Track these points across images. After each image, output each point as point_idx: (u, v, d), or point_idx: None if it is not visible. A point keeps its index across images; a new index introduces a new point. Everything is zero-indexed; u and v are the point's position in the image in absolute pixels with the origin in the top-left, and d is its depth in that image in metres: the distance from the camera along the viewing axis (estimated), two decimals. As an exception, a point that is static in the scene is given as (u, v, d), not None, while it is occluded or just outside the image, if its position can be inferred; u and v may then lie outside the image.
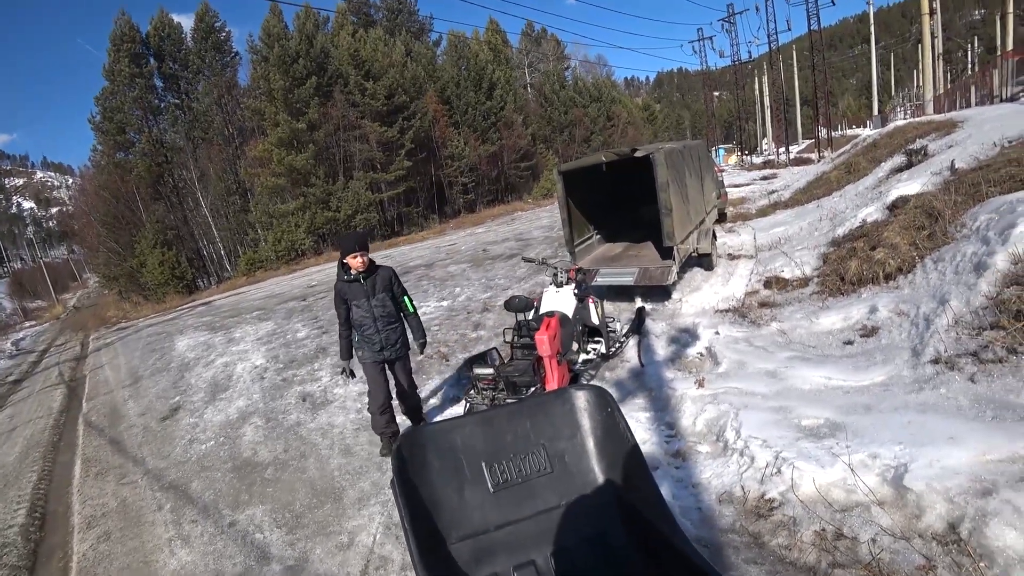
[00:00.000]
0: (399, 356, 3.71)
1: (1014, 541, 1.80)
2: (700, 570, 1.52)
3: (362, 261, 3.43)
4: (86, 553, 3.34)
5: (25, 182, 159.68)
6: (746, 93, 43.60)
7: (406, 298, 3.69)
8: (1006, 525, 1.83)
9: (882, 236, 5.83)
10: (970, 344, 3.24)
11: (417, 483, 1.83)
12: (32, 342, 21.15)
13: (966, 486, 2.03)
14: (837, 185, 11.98)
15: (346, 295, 3.51)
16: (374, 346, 3.57)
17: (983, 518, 1.89)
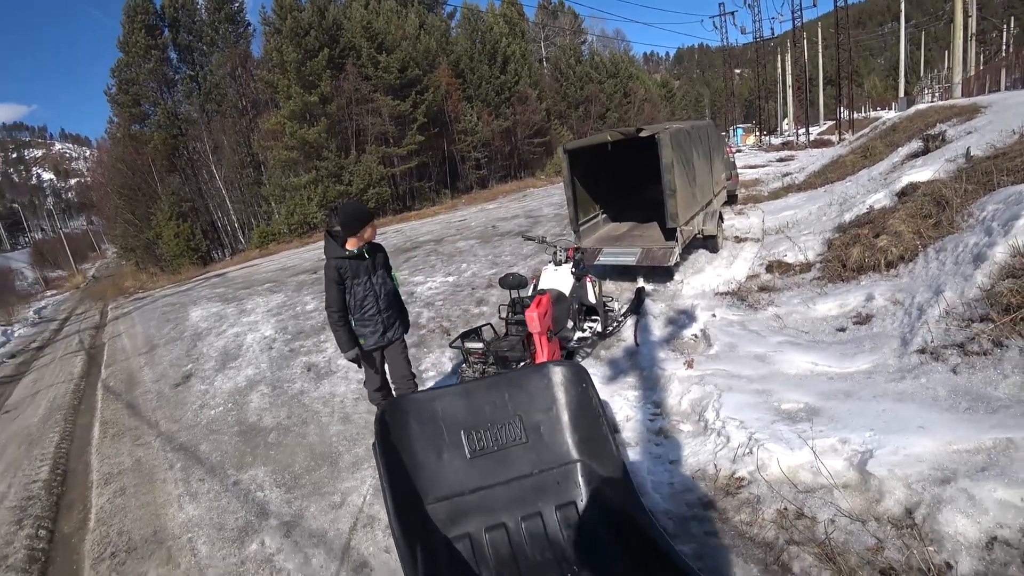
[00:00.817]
0: (399, 337, 3.42)
1: (964, 528, 1.88)
2: (652, 540, 1.64)
3: (372, 233, 3.19)
4: (103, 506, 3.59)
5: (44, 153, 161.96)
6: (767, 72, 42.43)
7: (395, 274, 3.45)
8: (959, 512, 1.92)
9: (887, 223, 5.78)
10: (958, 335, 3.28)
11: (399, 447, 1.98)
12: (53, 311, 21.76)
13: (926, 473, 2.11)
14: (852, 169, 11.77)
15: (345, 273, 3.12)
16: (377, 328, 3.24)
17: (938, 504, 1.97)
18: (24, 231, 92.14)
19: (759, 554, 2.04)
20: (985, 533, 1.87)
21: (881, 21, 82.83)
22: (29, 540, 3.39)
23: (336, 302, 3.12)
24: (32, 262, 50.76)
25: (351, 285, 3.14)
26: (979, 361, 2.93)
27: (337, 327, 3.18)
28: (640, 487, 2.53)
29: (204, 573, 2.59)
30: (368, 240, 3.17)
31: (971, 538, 1.86)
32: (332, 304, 3.13)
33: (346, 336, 3.18)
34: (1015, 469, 2.01)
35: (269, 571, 2.52)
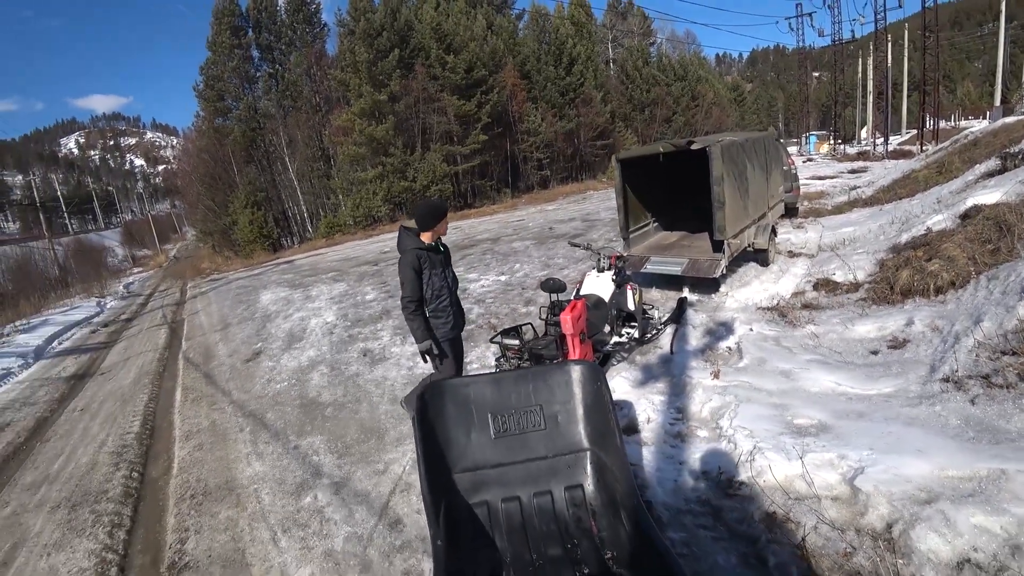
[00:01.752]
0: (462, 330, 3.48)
1: (935, 545, 2.02)
2: (639, 525, 1.91)
3: (445, 228, 3.29)
4: (184, 457, 4.21)
5: (137, 141, 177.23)
6: (846, 76, 40.19)
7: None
8: (932, 531, 2.05)
9: (942, 247, 5.62)
10: (985, 367, 3.27)
11: (434, 424, 2.34)
12: (139, 286, 23.95)
13: (911, 493, 2.23)
14: (924, 186, 11.19)
15: (424, 263, 3.18)
16: (449, 320, 3.33)
17: (914, 522, 2.10)
18: (117, 212, 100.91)
19: (741, 548, 2.24)
20: (958, 554, 1.99)
21: (980, 21, 75.93)
22: (124, 479, 4.04)
23: (414, 291, 3.17)
24: (122, 241, 55.47)
25: (429, 276, 3.21)
26: (1000, 394, 2.95)
27: (414, 316, 3.22)
28: (646, 480, 2.78)
29: (267, 516, 3.08)
30: (441, 234, 3.30)
31: (943, 557, 1.99)
32: (410, 294, 3.17)
33: (424, 325, 3.24)
34: (1000, 499, 2.11)
35: (320, 519, 2.97)
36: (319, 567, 2.57)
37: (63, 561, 3.08)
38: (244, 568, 2.68)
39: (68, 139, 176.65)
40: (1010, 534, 2.01)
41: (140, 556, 3.07)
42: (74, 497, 3.89)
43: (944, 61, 51.60)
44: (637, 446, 3.17)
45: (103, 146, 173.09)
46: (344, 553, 2.64)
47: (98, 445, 4.84)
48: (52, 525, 3.52)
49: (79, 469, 4.39)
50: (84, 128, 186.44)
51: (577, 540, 2.15)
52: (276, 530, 2.92)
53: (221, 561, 2.77)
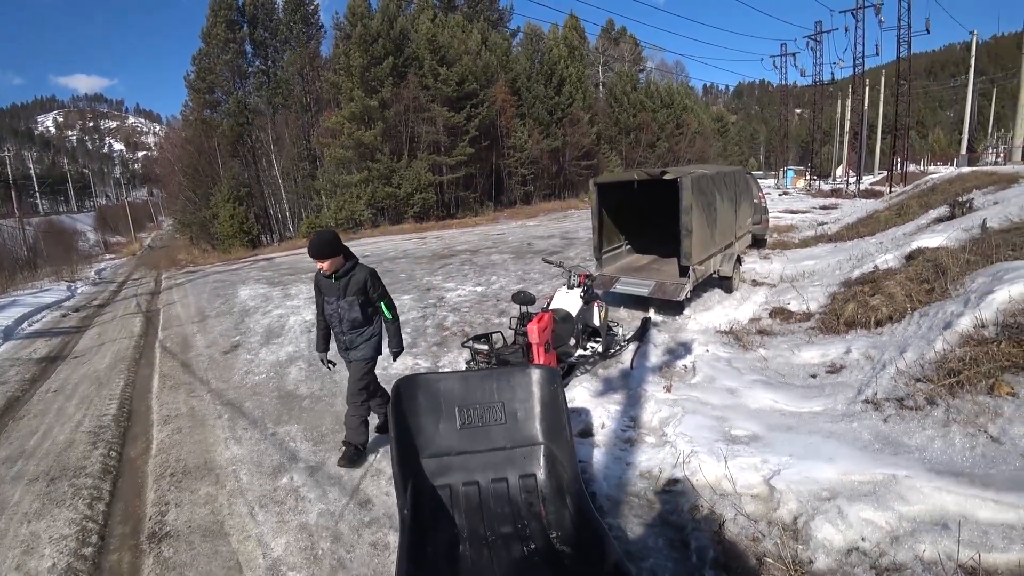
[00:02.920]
0: (354, 359, 3.64)
1: (829, 534, 2.39)
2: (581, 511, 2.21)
3: (324, 266, 3.38)
4: (163, 440, 4.37)
5: (118, 125, 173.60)
6: (826, 115, 41.95)
7: (384, 304, 3.59)
8: (828, 522, 2.43)
9: (885, 284, 6.14)
10: (902, 391, 3.69)
11: (407, 413, 2.63)
12: (111, 273, 23.52)
13: (815, 492, 2.61)
14: (884, 226, 11.93)
15: (321, 287, 3.55)
16: (340, 344, 3.63)
17: (814, 515, 2.48)
18: (91, 195, 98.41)
19: (669, 533, 2.58)
20: (848, 542, 2.36)
21: (954, 72, 80.00)
22: (102, 458, 4.19)
23: (318, 307, 3.63)
24: (96, 225, 54.10)
25: (321, 300, 3.58)
26: (909, 414, 3.36)
27: (316, 327, 3.76)
28: (593, 476, 3.10)
29: (245, 493, 3.30)
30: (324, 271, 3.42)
31: (835, 544, 2.36)
32: (317, 307, 3.66)
33: (320, 337, 3.76)
34: (888, 498, 2.50)
35: (295, 497, 3.21)
36: (294, 537, 2.81)
37: (44, 528, 3.23)
38: (223, 537, 2.90)
39: (46, 117, 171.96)
40: (892, 527, 2.39)
41: (120, 526, 3.24)
42: (52, 472, 4.02)
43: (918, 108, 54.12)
44: (590, 447, 3.49)
45: (82, 127, 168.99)
46: (317, 526, 2.88)
47: (75, 425, 4.96)
48: (31, 496, 3.66)
49: (56, 446, 4.51)
50: (64, 107, 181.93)
51: (527, 521, 2.45)
52: (254, 506, 3.14)
53: (201, 531, 2.97)
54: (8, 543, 3.16)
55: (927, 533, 2.30)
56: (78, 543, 3.09)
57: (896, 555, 2.24)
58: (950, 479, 2.56)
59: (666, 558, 2.40)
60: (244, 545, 2.80)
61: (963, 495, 2.45)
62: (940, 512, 2.42)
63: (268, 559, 2.65)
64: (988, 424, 3.06)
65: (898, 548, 2.27)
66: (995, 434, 2.99)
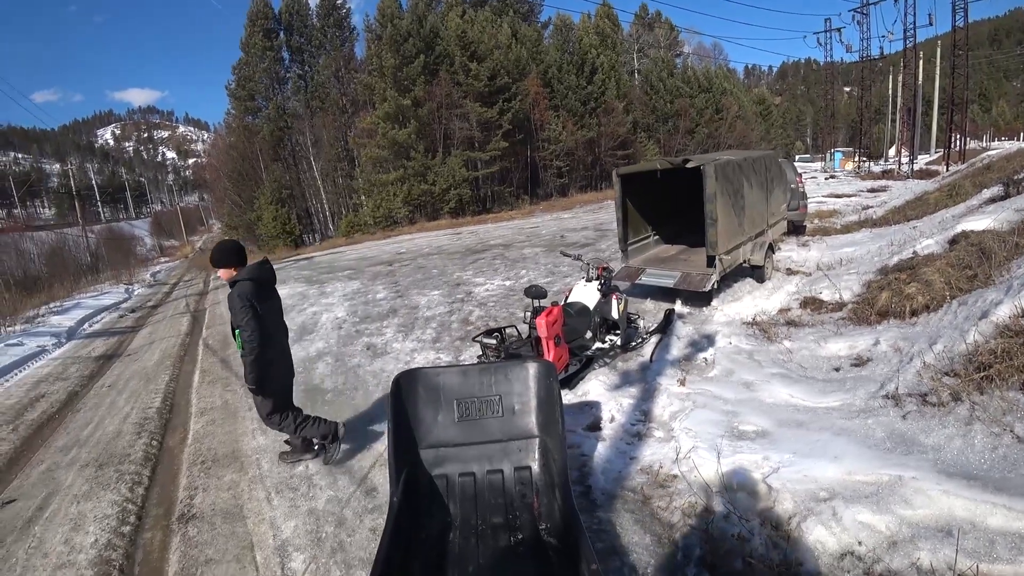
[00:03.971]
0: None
1: (822, 536, 2.34)
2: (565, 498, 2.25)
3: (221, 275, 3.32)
4: (198, 430, 4.70)
5: (170, 135, 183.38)
6: (877, 92, 39.68)
7: (236, 331, 3.30)
8: (820, 524, 2.37)
9: (923, 271, 5.83)
10: (926, 386, 3.51)
11: (406, 405, 2.73)
12: (165, 275, 24.96)
13: (813, 492, 2.54)
14: (934, 208, 11.25)
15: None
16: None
17: (807, 515, 2.42)
18: (147, 202, 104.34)
19: (658, 529, 2.59)
20: (842, 546, 2.30)
21: (1021, 39, 73.77)
22: (144, 446, 4.53)
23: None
24: (151, 230, 57.51)
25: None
26: (930, 411, 3.20)
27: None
28: (592, 469, 3.13)
29: (264, 480, 3.53)
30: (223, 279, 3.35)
31: (828, 547, 2.30)
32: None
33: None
34: (890, 501, 2.41)
35: (308, 485, 3.41)
36: (303, 521, 3.00)
37: (90, 508, 3.56)
38: (241, 519, 3.12)
39: (105, 130, 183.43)
40: (891, 532, 2.31)
41: (155, 508, 3.53)
42: (101, 458, 4.38)
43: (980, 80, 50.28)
44: (595, 441, 3.51)
45: (137, 138, 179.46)
46: (324, 512, 3.06)
47: (123, 417, 5.36)
48: (81, 480, 4.01)
49: (106, 436, 4.90)
50: (120, 120, 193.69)
51: (519, 512, 2.51)
52: (271, 491, 3.36)
53: (222, 514, 3.21)
54: (60, 520, 3.49)
55: (928, 540, 2.20)
56: (118, 522, 3.38)
57: (892, 562, 2.17)
58: (961, 483, 2.44)
59: (651, 554, 2.41)
60: (258, 527, 3.01)
61: (974, 500, 2.33)
62: (946, 518, 2.31)
63: (278, 540, 2.85)
64: (1015, 423, 2.88)
65: (895, 554, 2.19)
66: (1021, 434, 2.81)
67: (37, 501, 3.81)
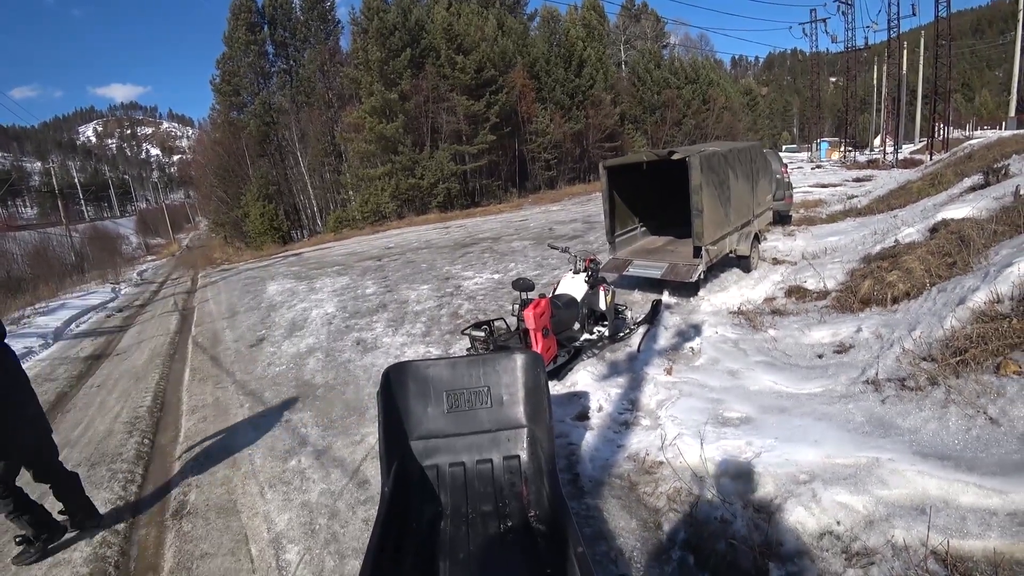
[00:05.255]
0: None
1: (801, 517, 2.42)
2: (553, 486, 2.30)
3: None
4: (189, 428, 4.71)
5: (153, 131, 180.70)
6: (862, 82, 40.01)
7: None
8: (800, 505, 2.45)
9: (904, 259, 5.95)
10: (905, 371, 3.61)
11: (396, 397, 2.77)
12: (152, 274, 24.64)
13: (793, 475, 2.63)
14: (917, 197, 11.44)
15: None
16: None
17: (788, 497, 2.51)
18: (132, 200, 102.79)
19: (644, 514, 2.67)
20: (821, 526, 2.38)
21: (1003, 29, 74.58)
22: (136, 445, 4.53)
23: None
24: (137, 229, 56.59)
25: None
26: (908, 395, 3.30)
27: None
28: (580, 457, 3.19)
29: (257, 475, 3.56)
30: None
31: (808, 527, 2.38)
32: None
33: None
34: (868, 482, 2.50)
35: (301, 478, 3.44)
36: (296, 514, 3.03)
37: (83, 509, 3.55)
38: (235, 514, 3.16)
39: (86, 127, 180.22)
40: (868, 511, 2.39)
41: (148, 505, 3.55)
42: (92, 458, 4.37)
43: (963, 69, 50.83)
44: (584, 430, 3.57)
45: (120, 135, 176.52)
46: (317, 504, 3.10)
47: (113, 416, 5.34)
48: (72, 481, 4.00)
49: (97, 435, 4.89)
50: (102, 117, 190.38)
51: (508, 500, 2.57)
52: (264, 486, 3.39)
53: (216, 509, 3.24)
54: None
55: (903, 518, 2.29)
56: (111, 520, 3.40)
57: (868, 540, 2.25)
58: (935, 463, 2.53)
59: (636, 538, 2.48)
60: (252, 521, 3.04)
61: (947, 479, 2.42)
62: (920, 497, 2.40)
63: (272, 533, 2.88)
64: (988, 405, 2.99)
65: (871, 532, 2.28)
66: (994, 415, 2.91)
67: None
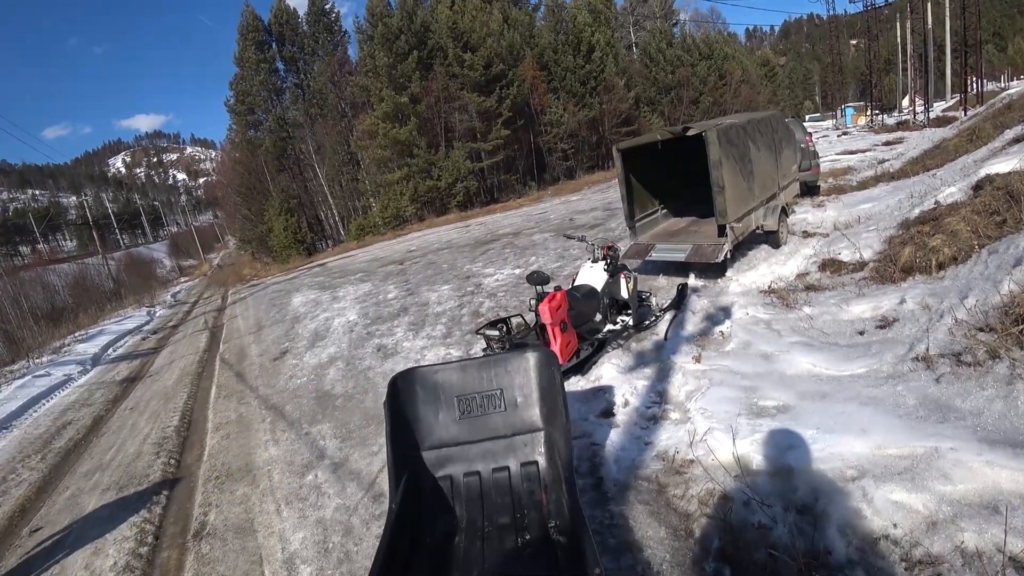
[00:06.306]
0: None
1: (849, 519, 2.14)
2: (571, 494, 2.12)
3: None
4: (214, 446, 4.72)
5: (178, 156, 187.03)
6: (883, 43, 38.20)
7: None
8: (849, 505, 2.17)
9: (947, 221, 5.53)
10: (959, 345, 3.26)
11: (405, 406, 2.63)
12: (185, 295, 25.34)
13: (839, 470, 2.35)
14: (954, 155, 10.75)
15: None
16: None
17: (835, 497, 2.23)
18: (163, 225, 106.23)
19: (674, 520, 2.44)
20: (876, 530, 2.09)
21: (1036, -28, 70.23)
22: (163, 465, 4.56)
23: None
24: (169, 252, 58.53)
25: None
26: (965, 372, 2.97)
27: None
28: (604, 459, 3.00)
29: (274, 492, 3.50)
30: None
31: (859, 531, 2.10)
32: None
33: None
34: (926, 476, 2.19)
35: (317, 494, 3.37)
36: (311, 532, 2.95)
37: (110, 531, 3.60)
38: (251, 533, 3.11)
39: (115, 159, 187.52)
40: (930, 511, 2.09)
41: (172, 526, 3.55)
42: (121, 481, 4.42)
43: (993, 18, 48.03)
44: (608, 428, 3.38)
45: (147, 163, 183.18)
46: (332, 521, 3.01)
47: (143, 438, 5.41)
48: (103, 504, 4.07)
49: (127, 458, 4.95)
50: (129, 147, 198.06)
51: (527, 511, 2.40)
52: (280, 503, 3.33)
53: (234, 529, 3.20)
54: (80, 547, 3.52)
55: (972, 519, 2.00)
56: (136, 543, 3.40)
57: (932, 545, 1.97)
58: (1006, 452, 2.20)
59: (666, 549, 2.26)
60: (268, 540, 2.98)
61: (1022, 471, 2.10)
62: (992, 493, 2.09)
63: (286, 553, 2.81)
64: (1063, 378, 2.66)
65: (935, 537, 2.00)
66: (1071, 389, 2.59)
67: (61, 527, 3.86)
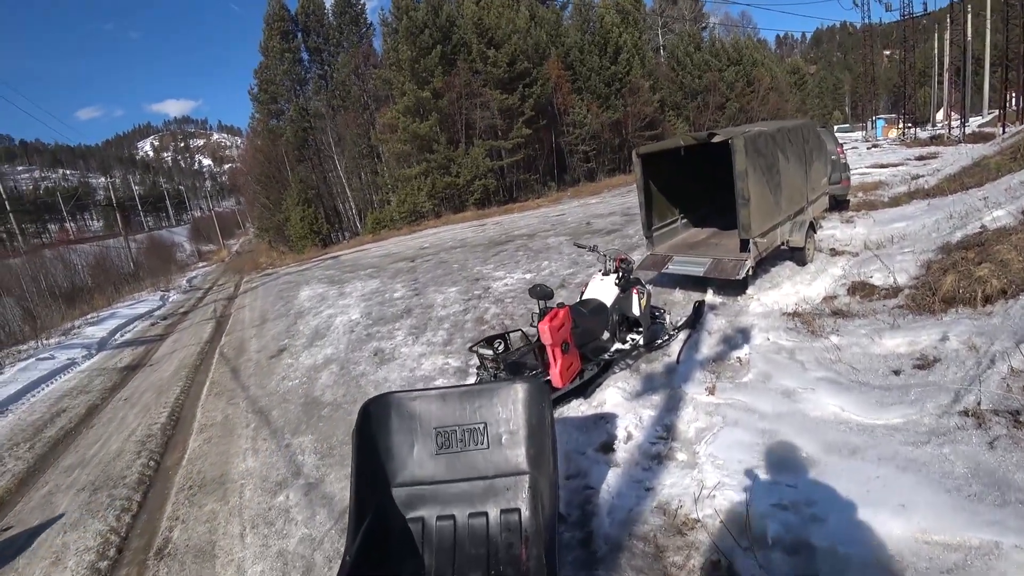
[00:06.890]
0: None
1: None
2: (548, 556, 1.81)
3: None
4: (195, 449, 4.51)
5: (204, 142, 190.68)
6: (921, 53, 36.95)
7: None
8: None
9: (995, 248, 5.07)
10: (1018, 401, 2.85)
11: (376, 436, 2.35)
12: (201, 280, 25.52)
13: (872, 559, 1.99)
14: (996, 173, 10.13)
15: None
16: None
17: None
18: (187, 209, 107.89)
19: None
20: None
21: (1091, -13, 67.44)
22: (141, 467, 4.36)
23: None
24: (190, 236, 59.42)
25: None
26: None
27: None
28: (598, 507, 2.67)
29: (242, 512, 3.27)
30: None
31: None
32: None
33: None
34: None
35: (284, 519, 3.11)
36: (270, 565, 2.70)
37: (74, 539, 3.41)
38: (211, 559, 2.87)
39: (144, 142, 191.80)
40: None
41: (137, 539, 3.34)
42: (97, 481, 4.23)
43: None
44: (606, 467, 3.04)
45: (175, 148, 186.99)
46: (294, 554, 2.75)
47: (128, 434, 5.23)
48: (75, 506, 3.88)
49: (108, 455, 4.77)
50: (158, 132, 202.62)
51: (503, 567, 2.10)
52: (246, 526, 3.09)
53: (195, 551, 2.97)
54: (42, 554, 3.33)
55: None
56: (97, 556, 3.20)
57: None
58: None
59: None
60: (225, 571, 2.73)
61: None
62: None
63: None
64: None
65: None
66: None
67: (30, 528, 3.69)
